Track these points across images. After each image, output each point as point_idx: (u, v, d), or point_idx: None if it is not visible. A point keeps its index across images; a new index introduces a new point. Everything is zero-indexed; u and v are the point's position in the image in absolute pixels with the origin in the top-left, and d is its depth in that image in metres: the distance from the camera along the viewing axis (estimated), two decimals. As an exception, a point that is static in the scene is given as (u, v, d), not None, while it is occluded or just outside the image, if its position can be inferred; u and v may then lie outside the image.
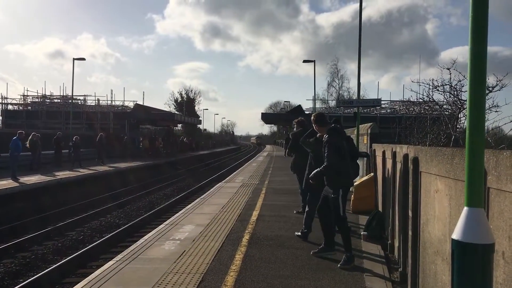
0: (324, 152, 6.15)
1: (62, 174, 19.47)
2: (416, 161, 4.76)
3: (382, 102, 48.54)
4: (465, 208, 2.39)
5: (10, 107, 46.06)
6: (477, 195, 2.37)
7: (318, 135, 6.82)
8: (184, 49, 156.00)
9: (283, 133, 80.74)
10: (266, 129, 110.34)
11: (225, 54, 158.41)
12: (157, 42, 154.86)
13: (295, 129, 9.45)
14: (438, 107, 11.09)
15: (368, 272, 5.71)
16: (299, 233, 7.47)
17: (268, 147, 78.04)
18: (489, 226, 2.41)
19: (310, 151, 7.40)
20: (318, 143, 6.80)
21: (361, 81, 15.93)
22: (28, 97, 46.53)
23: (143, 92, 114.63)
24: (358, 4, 14.38)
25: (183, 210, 10.38)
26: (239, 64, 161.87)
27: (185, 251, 6.60)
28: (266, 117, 63.17)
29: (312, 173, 6.37)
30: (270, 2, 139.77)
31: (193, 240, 7.25)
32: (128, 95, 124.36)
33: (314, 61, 34.26)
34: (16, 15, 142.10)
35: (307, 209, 7.52)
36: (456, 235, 2.37)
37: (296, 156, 9.17)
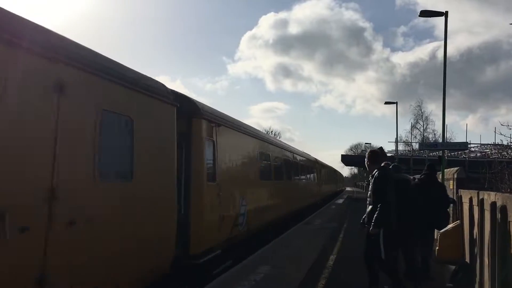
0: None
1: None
2: (504, 209, 4.50)
3: (471, 145, 45.85)
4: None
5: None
6: None
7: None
8: (256, 90, 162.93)
9: (364, 176, 78.53)
10: (346, 171, 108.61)
11: (297, 94, 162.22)
12: (229, 83, 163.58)
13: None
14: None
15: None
16: None
17: (347, 189, 76.38)
18: None
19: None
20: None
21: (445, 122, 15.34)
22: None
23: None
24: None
25: (259, 251, 10.42)
26: (312, 104, 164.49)
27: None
28: (346, 159, 62.41)
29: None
30: (340, 41, 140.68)
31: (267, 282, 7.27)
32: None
33: (396, 103, 33.51)
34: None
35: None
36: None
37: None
